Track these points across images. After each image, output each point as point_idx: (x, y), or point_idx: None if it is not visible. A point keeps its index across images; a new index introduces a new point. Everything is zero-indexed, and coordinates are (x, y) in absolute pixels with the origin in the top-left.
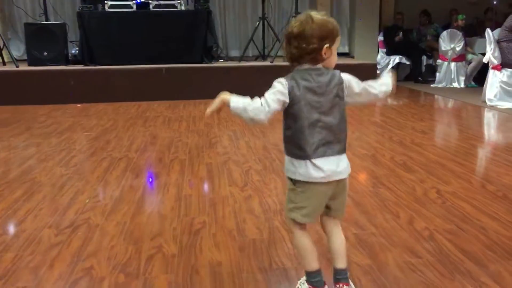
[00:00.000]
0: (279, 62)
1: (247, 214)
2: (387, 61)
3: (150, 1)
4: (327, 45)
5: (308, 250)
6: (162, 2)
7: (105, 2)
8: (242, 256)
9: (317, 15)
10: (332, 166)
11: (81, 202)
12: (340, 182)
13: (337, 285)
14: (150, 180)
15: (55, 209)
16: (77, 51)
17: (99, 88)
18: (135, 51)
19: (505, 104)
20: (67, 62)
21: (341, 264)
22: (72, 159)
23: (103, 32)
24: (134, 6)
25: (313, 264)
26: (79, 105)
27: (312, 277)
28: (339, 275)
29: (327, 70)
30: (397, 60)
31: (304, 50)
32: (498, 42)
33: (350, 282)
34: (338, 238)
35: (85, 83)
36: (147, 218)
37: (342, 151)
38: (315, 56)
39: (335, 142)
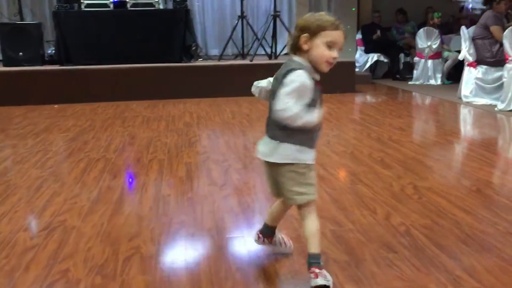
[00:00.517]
0: (259, 61)
1: (225, 213)
2: (365, 59)
3: (127, 0)
4: (305, 35)
5: (269, 210)
6: (139, 1)
7: (82, 1)
8: (220, 255)
9: (316, 13)
10: (261, 146)
11: (57, 204)
12: (269, 164)
13: (310, 270)
14: (128, 180)
15: (31, 212)
16: (53, 51)
17: (76, 89)
18: (112, 51)
19: (480, 100)
20: (43, 62)
21: (311, 248)
22: (48, 161)
23: (79, 31)
24: (111, 5)
25: (266, 218)
26: (55, 106)
27: None
28: (310, 259)
29: (290, 63)
30: (375, 58)
31: (291, 39)
32: (473, 39)
33: (325, 272)
34: (304, 225)
35: (61, 83)
36: (125, 219)
37: (271, 136)
38: (295, 45)
39: (269, 126)
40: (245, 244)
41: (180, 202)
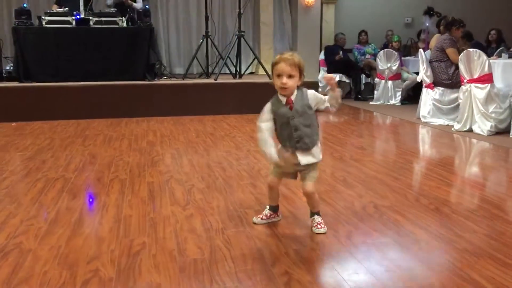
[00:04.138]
0: (223, 80)
1: (188, 234)
2: None
3: (90, 18)
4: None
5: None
6: (103, 19)
7: (43, 17)
8: (182, 277)
9: None
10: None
11: (12, 226)
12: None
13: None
14: (88, 201)
15: None
16: (11, 68)
17: (35, 106)
18: (74, 68)
19: (438, 121)
20: (1, 79)
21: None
22: (4, 181)
23: (40, 48)
24: (74, 22)
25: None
26: (13, 124)
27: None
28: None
29: None
30: (337, 79)
31: None
32: (430, 62)
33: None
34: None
35: (20, 100)
36: (84, 240)
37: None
38: None
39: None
40: (208, 265)
41: (142, 222)
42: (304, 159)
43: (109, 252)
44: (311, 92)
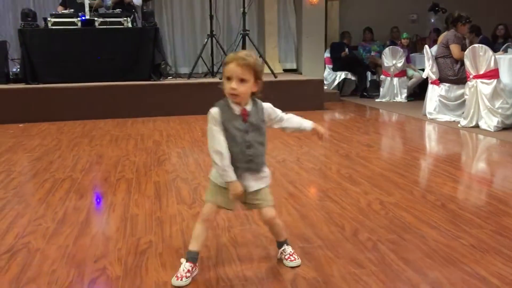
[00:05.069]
0: None
1: None
2: (333, 77)
3: (95, 19)
4: None
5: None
6: (108, 20)
7: (48, 19)
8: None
9: None
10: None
11: (21, 226)
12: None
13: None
14: (95, 200)
15: None
16: (18, 69)
17: (42, 107)
18: (80, 69)
19: (444, 117)
20: (8, 81)
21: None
22: (12, 181)
23: (46, 49)
24: (79, 24)
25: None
26: (20, 125)
27: None
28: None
29: None
30: (343, 76)
31: None
32: (436, 58)
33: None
34: None
35: (27, 102)
36: (91, 240)
37: None
38: None
39: None
40: (214, 263)
41: (148, 221)
42: (254, 184)
43: (116, 251)
44: (267, 106)
